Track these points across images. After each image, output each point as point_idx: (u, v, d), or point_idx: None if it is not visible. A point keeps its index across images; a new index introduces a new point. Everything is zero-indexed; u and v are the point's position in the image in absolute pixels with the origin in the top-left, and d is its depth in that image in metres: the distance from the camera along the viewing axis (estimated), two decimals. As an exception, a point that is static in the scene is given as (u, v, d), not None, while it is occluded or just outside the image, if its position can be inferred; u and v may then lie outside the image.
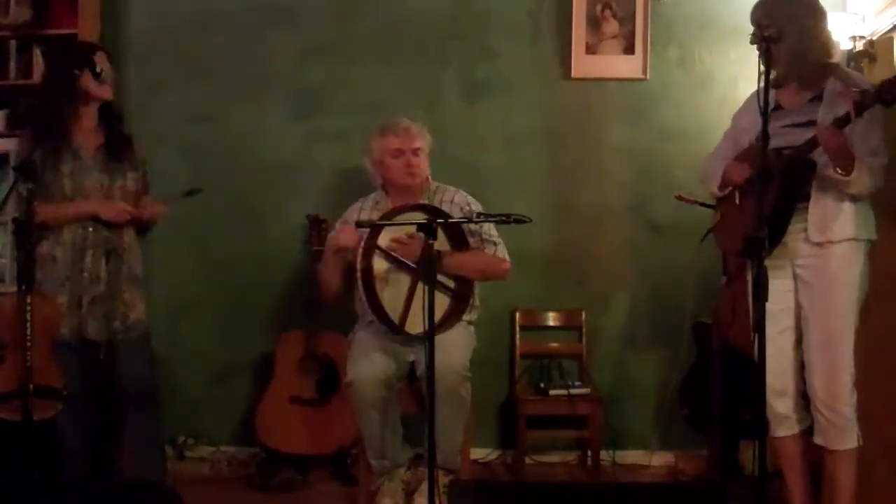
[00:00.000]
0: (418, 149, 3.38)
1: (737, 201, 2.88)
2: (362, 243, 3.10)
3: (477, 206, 3.41)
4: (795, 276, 2.80)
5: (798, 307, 2.82)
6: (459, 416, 3.17)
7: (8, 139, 3.91)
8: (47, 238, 3.10)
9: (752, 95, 2.95)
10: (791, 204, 2.72)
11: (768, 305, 2.35)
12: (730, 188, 2.92)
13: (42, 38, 3.96)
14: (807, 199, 2.72)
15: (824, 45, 2.76)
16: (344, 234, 3.23)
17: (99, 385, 3.21)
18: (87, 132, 3.16)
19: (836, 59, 2.84)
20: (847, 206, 2.70)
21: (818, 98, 2.74)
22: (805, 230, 2.73)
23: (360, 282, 3.08)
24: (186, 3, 4.08)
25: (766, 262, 2.37)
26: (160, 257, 3.81)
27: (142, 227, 3.27)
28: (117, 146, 3.18)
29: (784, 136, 2.72)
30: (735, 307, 3.39)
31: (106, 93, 3.16)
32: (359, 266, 3.07)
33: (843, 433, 2.73)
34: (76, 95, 3.11)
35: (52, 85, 3.13)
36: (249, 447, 3.96)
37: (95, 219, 3.10)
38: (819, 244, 2.72)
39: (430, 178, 3.46)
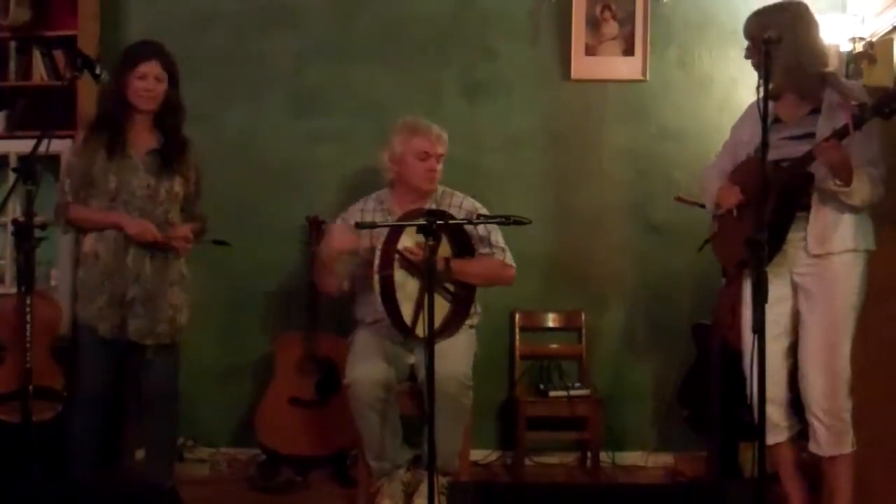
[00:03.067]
0: (442, 156, 3.36)
1: (734, 213, 2.88)
2: (379, 250, 3.05)
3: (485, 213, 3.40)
4: (794, 284, 2.81)
5: (794, 315, 2.83)
6: (459, 422, 3.17)
7: (8, 140, 3.92)
8: (90, 235, 3.11)
9: (749, 107, 2.97)
10: (788, 216, 2.73)
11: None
12: (722, 210, 2.93)
13: (41, 40, 3.95)
14: (807, 208, 2.73)
15: (819, 54, 2.77)
16: (338, 238, 3.18)
17: (117, 387, 3.21)
18: (140, 133, 3.16)
19: (831, 68, 2.85)
20: (846, 218, 2.70)
21: (816, 111, 2.75)
22: (805, 239, 2.73)
23: (378, 290, 3.03)
24: (185, 4, 4.08)
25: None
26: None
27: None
28: (170, 150, 3.17)
29: (782, 149, 2.72)
30: (735, 308, 3.38)
31: (144, 104, 3.13)
32: (377, 274, 3.03)
33: (840, 438, 2.73)
34: (125, 99, 3.12)
35: (107, 88, 3.13)
36: (249, 448, 3.96)
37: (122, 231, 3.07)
38: (818, 255, 2.72)
39: None
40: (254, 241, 4.06)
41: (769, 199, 2.57)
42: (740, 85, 3.87)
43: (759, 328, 2.34)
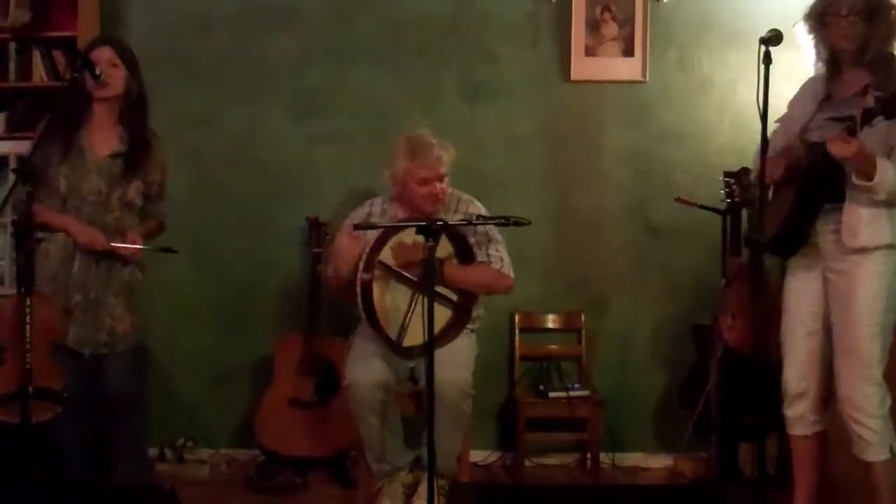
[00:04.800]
0: (444, 174, 3.27)
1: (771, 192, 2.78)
2: (364, 256, 3.05)
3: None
4: (825, 279, 2.73)
5: (827, 310, 2.74)
6: (459, 428, 3.15)
7: (8, 141, 3.92)
8: (45, 235, 3.06)
9: (807, 81, 2.87)
10: (815, 203, 2.63)
11: (796, 307, 2.30)
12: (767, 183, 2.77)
13: (41, 41, 3.95)
14: (841, 199, 2.61)
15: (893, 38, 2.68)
16: (348, 249, 3.10)
17: (92, 389, 3.19)
18: (101, 132, 3.09)
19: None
20: (882, 212, 2.58)
21: (864, 92, 2.58)
22: (837, 232, 2.63)
23: (359, 298, 3.03)
24: (186, 6, 4.08)
25: (796, 263, 2.26)
26: (159, 259, 3.80)
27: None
28: (134, 153, 3.09)
29: (825, 129, 2.61)
30: (735, 309, 3.40)
31: (101, 91, 3.04)
32: (359, 282, 3.03)
33: (869, 445, 2.66)
34: (82, 95, 3.05)
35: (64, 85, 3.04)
36: (249, 449, 3.95)
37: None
38: (851, 250, 2.61)
39: None
40: (254, 241, 4.06)
41: (793, 185, 2.51)
42: (740, 86, 3.88)
43: (758, 329, 2.33)
